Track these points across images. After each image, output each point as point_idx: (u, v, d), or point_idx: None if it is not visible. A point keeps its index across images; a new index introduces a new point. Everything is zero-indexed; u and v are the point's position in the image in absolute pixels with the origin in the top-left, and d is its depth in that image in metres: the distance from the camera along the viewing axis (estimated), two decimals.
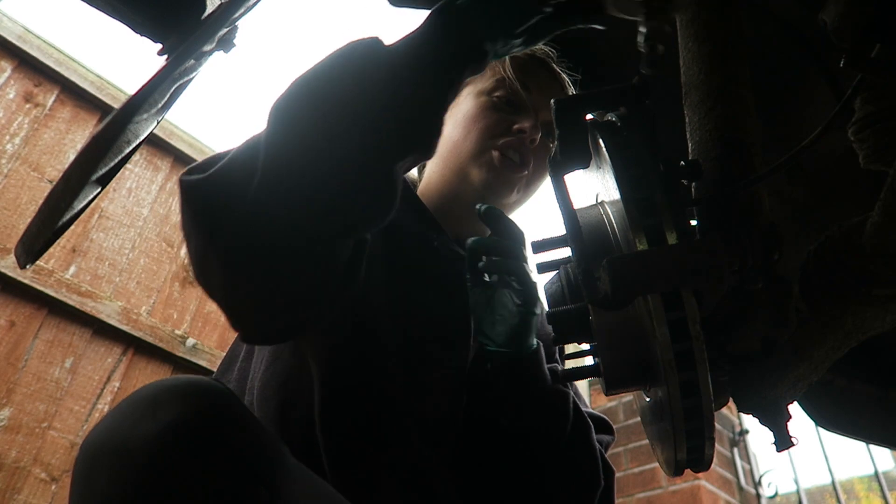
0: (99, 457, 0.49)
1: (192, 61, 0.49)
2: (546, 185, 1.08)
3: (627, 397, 3.08)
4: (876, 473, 2.56)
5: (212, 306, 2.37)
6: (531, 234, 0.84)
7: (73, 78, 2.20)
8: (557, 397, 0.85)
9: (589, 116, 0.58)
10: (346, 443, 0.75)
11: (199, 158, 2.46)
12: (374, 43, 0.62)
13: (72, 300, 2.01)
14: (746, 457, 3.01)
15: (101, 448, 0.50)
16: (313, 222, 0.57)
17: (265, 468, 0.50)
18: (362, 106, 0.58)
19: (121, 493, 0.46)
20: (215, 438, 0.49)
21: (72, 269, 2.07)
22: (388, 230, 0.86)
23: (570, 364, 1.62)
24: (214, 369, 2.24)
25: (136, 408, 0.51)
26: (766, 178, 0.58)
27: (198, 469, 0.47)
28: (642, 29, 0.55)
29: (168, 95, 0.51)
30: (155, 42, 0.51)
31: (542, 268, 0.70)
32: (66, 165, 0.45)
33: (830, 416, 0.78)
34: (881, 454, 2.63)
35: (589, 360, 0.72)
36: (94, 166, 0.42)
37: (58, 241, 0.48)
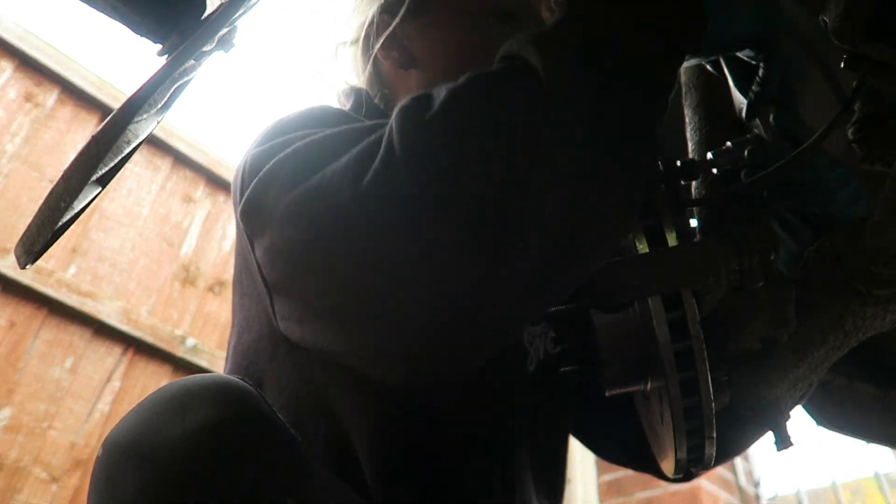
0: (124, 460, 0.49)
1: (192, 61, 0.49)
2: None
3: None
4: (876, 473, 2.55)
5: (212, 306, 2.37)
6: None
7: (74, 78, 2.20)
8: None
9: None
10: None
11: (200, 158, 2.46)
12: None
13: (72, 300, 2.01)
14: (746, 457, 3.01)
15: (126, 451, 0.49)
16: None
17: (293, 478, 0.50)
18: None
19: (146, 501, 0.46)
20: (244, 446, 0.48)
21: (72, 269, 2.07)
22: None
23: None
24: (214, 369, 2.24)
25: (163, 408, 0.50)
26: (767, 178, 0.58)
27: (226, 478, 0.47)
28: None
29: (168, 95, 0.51)
30: (155, 42, 0.51)
31: None
32: (67, 165, 0.45)
33: (830, 416, 0.78)
34: (881, 454, 2.63)
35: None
36: (94, 166, 0.42)
37: (58, 240, 0.48)
